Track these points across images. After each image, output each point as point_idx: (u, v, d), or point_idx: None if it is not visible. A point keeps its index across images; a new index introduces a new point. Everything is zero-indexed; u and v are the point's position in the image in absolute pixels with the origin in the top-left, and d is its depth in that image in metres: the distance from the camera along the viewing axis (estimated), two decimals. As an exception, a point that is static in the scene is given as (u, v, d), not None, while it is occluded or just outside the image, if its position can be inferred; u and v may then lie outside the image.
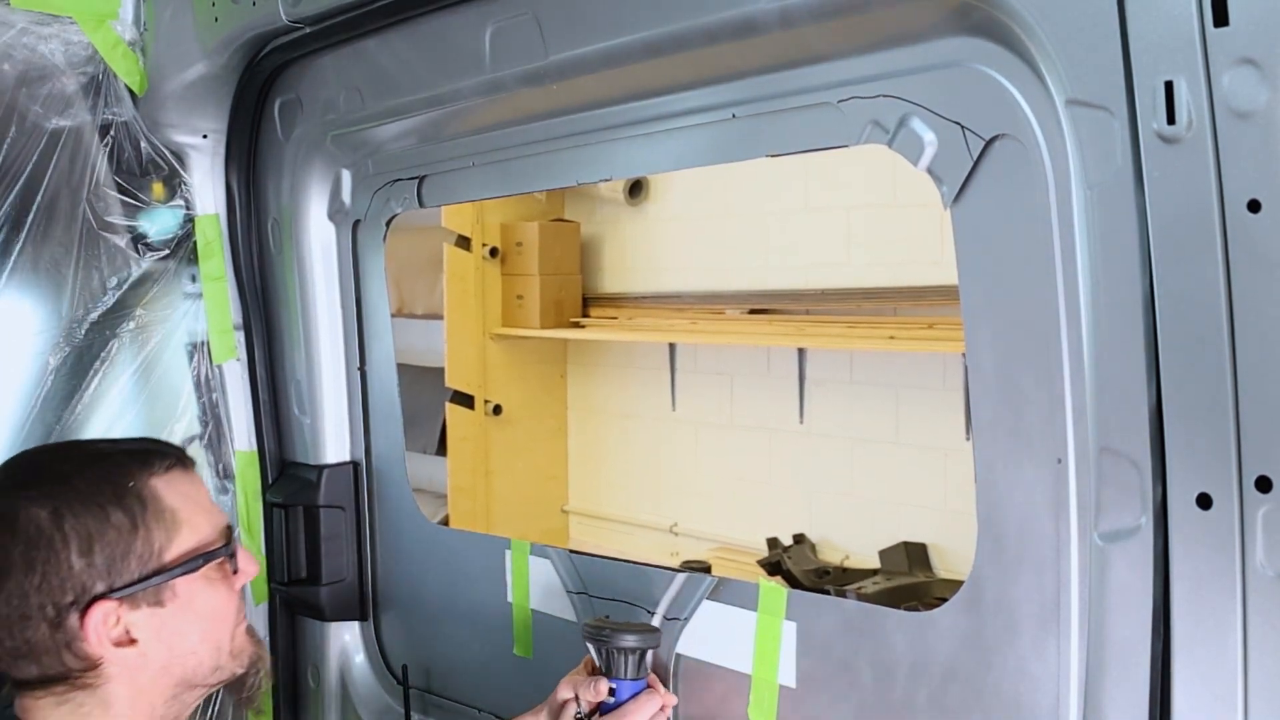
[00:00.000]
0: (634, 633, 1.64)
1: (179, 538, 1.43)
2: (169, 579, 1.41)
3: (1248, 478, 1.08)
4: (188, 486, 1.48)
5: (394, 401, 2.24)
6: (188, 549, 1.43)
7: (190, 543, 1.44)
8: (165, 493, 1.44)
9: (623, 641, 1.63)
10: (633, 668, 1.64)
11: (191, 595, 1.44)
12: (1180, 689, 1.16)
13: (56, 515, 1.36)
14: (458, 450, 5.17)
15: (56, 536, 1.35)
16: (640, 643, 1.64)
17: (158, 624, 1.41)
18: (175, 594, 1.43)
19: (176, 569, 1.42)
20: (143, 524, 1.40)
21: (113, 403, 2.26)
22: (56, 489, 1.39)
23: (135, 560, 1.39)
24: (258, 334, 2.32)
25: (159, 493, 1.43)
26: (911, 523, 4.36)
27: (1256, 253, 1.05)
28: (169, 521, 1.42)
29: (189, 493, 1.48)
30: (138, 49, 2.18)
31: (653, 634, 1.67)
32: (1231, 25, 1.02)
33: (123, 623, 1.39)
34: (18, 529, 1.36)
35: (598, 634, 1.65)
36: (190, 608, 1.44)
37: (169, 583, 1.41)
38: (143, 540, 1.40)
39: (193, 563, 1.43)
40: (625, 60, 1.59)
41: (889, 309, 4.33)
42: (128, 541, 1.39)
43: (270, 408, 2.34)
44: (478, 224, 5.21)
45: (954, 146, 1.33)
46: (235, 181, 2.26)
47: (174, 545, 1.42)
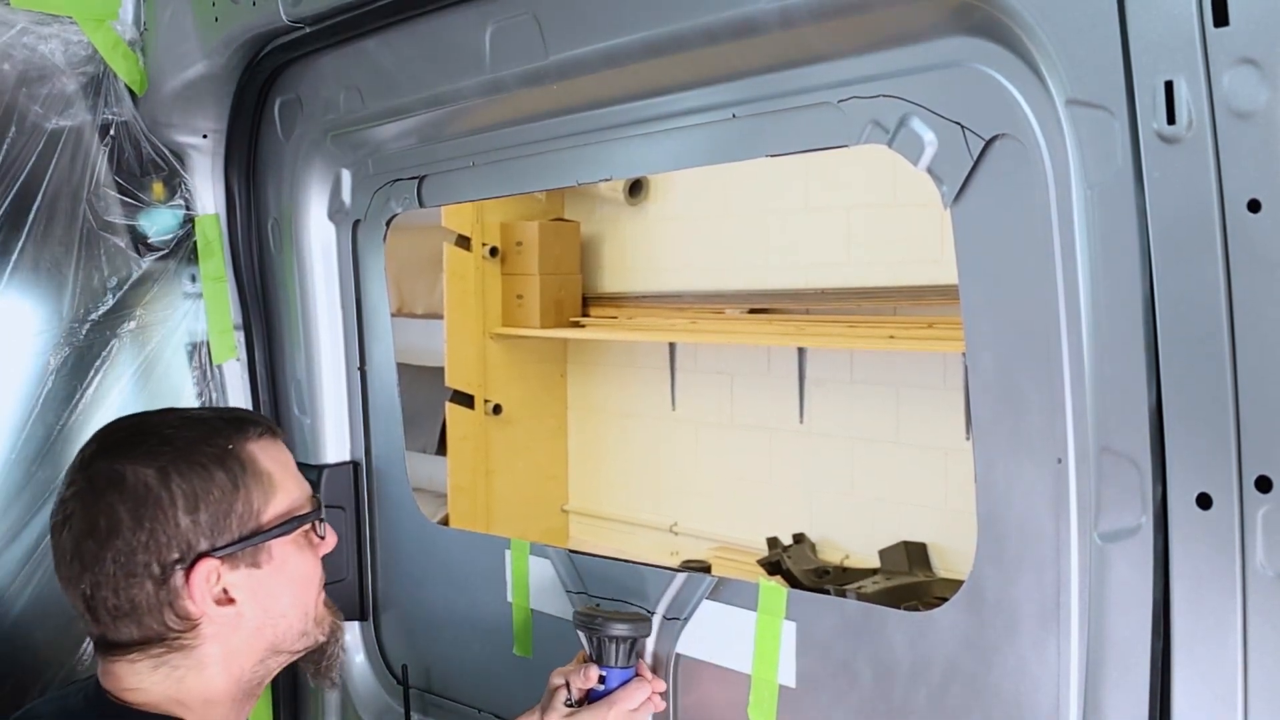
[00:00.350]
0: (624, 621, 1.67)
1: (274, 500, 1.47)
2: (266, 540, 1.45)
3: (1248, 478, 1.08)
4: (279, 453, 1.52)
5: (394, 401, 2.24)
6: (282, 511, 1.47)
7: (284, 505, 1.48)
8: (261, 457, 1.48)
9: (612, 630, 1.66)
10: (623, 656, 1.67)
11: (285, 558, 1.48)
12: (1180, 689, 1.16)
13: (163, 474, 1.39)
14: (458, 450, 5.17)
15: (164, 495, 1.39)
16: (630, 631, 1.67)
17: (254, 585, 1.45)
18: (271, 556, 1.46)
19: (273, 530, 1.46)
20: (243, 485, 1.44)
21: (113, 403, 2.26)
22: (162, 450, 1.42)
23: (236, 520, 1.42)
24: (258, 334, 2.32)
25: (255, 456, 1.47)
26: (911, 522, 4.36)
27: (1256, 253, 1.05)
28: (266, 484, 1.46)
29: (281, 459, 1.52)
30: (138, 49, 2.18)
31: (643, 623, 1.69)
32: (1231, 25, 1.02)
33: (222, 581, 1.42)
34: (125, 487, 1.38)
35: (589, 622, 1.68)
36: (283, 571, 1.48)
37: (265, 545, 1.45)
38: (243, 501, 1.43)
39: (287, 525, 1.47)
40: (625, 60, 1.59)
41: (889, 309, 4.33)
42: (229, 501, 1.42)
43: (270, 408, 2.34)
44: (478, 224, 5.21)
45: (954, 146, 1.33)
46: (235, 181, 2.26)
47: (270, 507, 1.46)
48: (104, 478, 1.40)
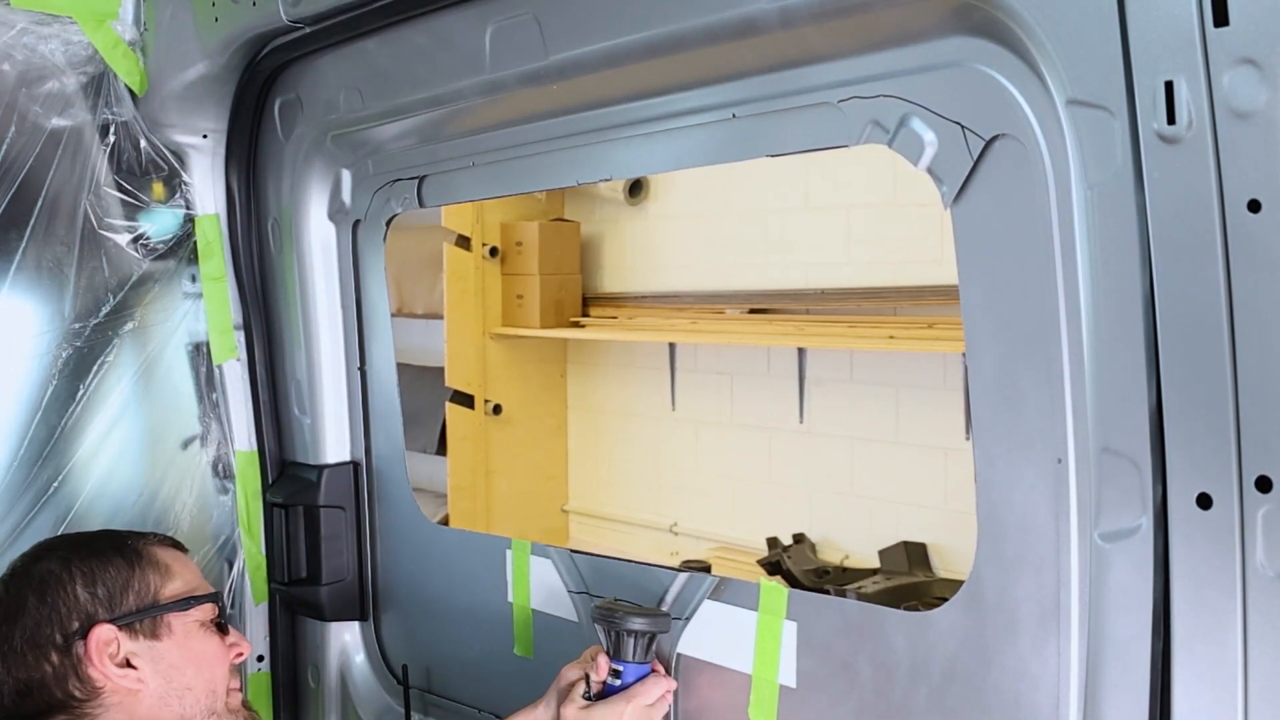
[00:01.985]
0: (643, 616, 1.67)
1: (171, 583, 1.64)
2: (163, 613, 1.61)
3: (1248, 478, 1.08)
4: (180, 555, 1.72)
5: (394, 401, 2.24)
6: (179, 592, 1.64)
7: (181, 588, 1.65)
8: (159, 552, 1.67)
9: (632, 624, 1.66)
10: (640, 651, 1.67)
11: (186, 635, 1.63)
12: (1180, 689, 1.16)
13: (65, 562, 1.60)
14: (458, 450, 5.17)
15: (65, 575, 1.58)
16: (649, 626, 1.67)
17: (155, 656, 1.59)
18: (171, 630, 1.61)
19: (170, 605, 1.62)
20: (139, 567, 1.62)
21: (113, 403, 2.26)
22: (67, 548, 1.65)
23: (133, 595, 1.60)
24: (258, 334, 2.32)
25: (154, 551, 1.67)
26: (911, 522, 4.36)
27: (1256, 253, 1.05)
28: (162, 570, 1.65)
29: (181, 558, 1.71)
30: (138, 49, 2.18)
31: (662, 619, 1.69)
32: (1231, 25, 1.02)
33: (123, 650, 1.57)
34: (32, 577, 1.59)
35: (608, 616, 1.68)
36: (185, 647, 1.62)
37: (164, 618, 1.61)
38: (139, 579, 1.61)
39: (184, 603, 1.63)
40: (625, 60, 1.59)
41: (889, 309, 4.33)
42: (126, 578, 1.60)
43: (270, 408, 2.34)
44: (478, 224, 5.20)
45: (954, 146, 1.33)
46: (235, 181, 2.26)
47: (167, 588, 1.63)
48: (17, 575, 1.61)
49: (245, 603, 2.39)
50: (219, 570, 2.39)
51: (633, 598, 1.78)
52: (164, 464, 2.35)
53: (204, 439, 2.38)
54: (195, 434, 2.38)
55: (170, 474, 2.35)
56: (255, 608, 2.40)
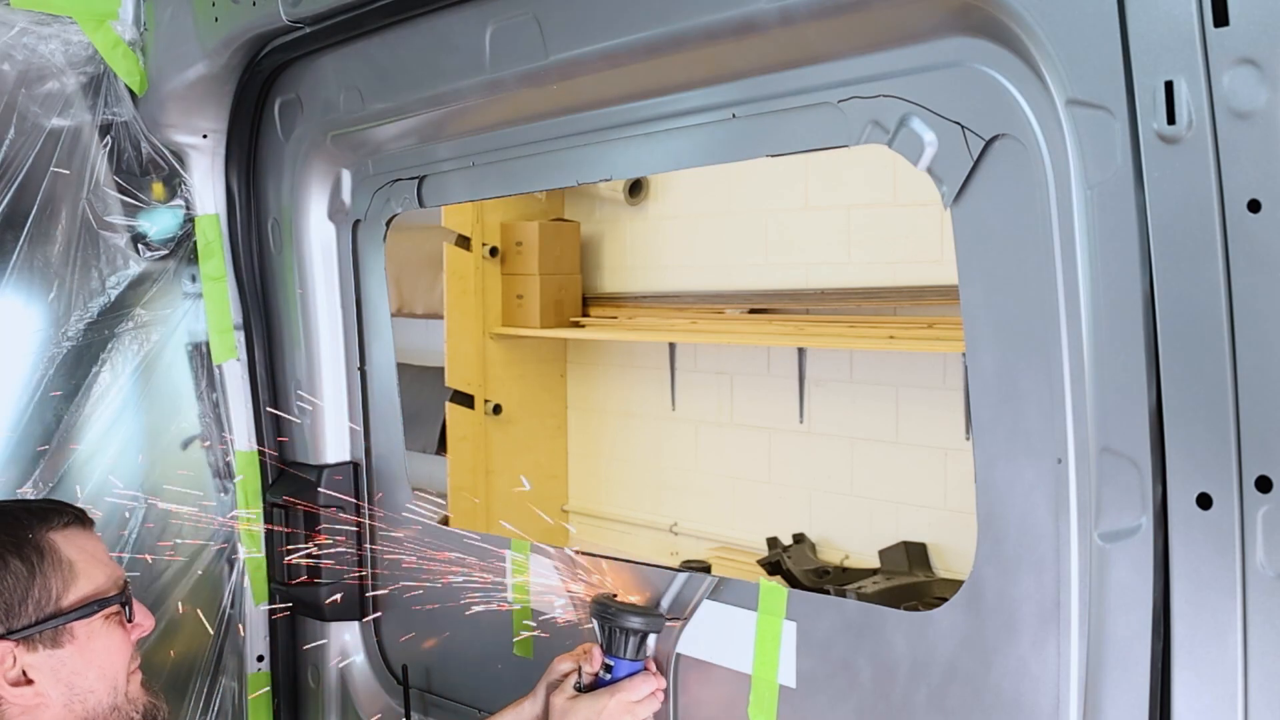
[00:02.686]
0: (639, 614, 1.69)
1: (75, 585, 1.53)
2: (65, 622, 1.51)
3: (1248, 478, 1.08)
4: (85, 541, 1.59)
5: (394, 401, 2.24)
6: (84, 595, 1.53)
7: (86, 590, 1.54)
8: (63, 545, 1.54)
9: (626, 622, 1.67)
10: (632, 649, 1.69)
11: (90, 637, 1.54)
12: (1180, 689, 1.16)
13: None
14: (458, 450, 5.17)
15: None
16: (643, 625, 1.68)
17: (55, 664, 1.51)
18: (73, 636, 1.52)
19: (72, 614, 1.52)
20: (40, 572, 1.51)
21: (113, 403, 2.26)
22: None
23: (32, 605, 1.49)
24: (258, 334, 2.31)
25: (57, 545, 1.54)
26: (911, 522, 4.35)
27: (1256, 253, 1.05)
28: (66, 571, 1.53)
29: (86, 546, 1.58)
30: (138, 49, 2.18)
31: (656, 618, 1.70)
32: (1231, 25, 1.02)
33: (19, 664, 1.48)
34: None
35: (603, 611, 1.69)
36: (87, 650, 1.53)
37: (66, 626, 1.51)
38: (40, 587, 1.50)
39: (87, 609, 1.53)
40: (625, 60, 1.59)
41: (889, 309, 4.33)
42: (25, 587, 1.49)
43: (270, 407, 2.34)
44: (478, 224, 5.20)
45: (954, 146, 1.33)
46: (235, 181, 2.26)
47: (71, 592, 1.52)
48: None
49: (245, 603, 2.40)
50: (219, 570, 2.39)
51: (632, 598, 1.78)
52: (164, 464, 2.35)
53: (204, 439, 2.38)
54: (195, 434, 2.38)
55: (170, 474, 2.35)
56: (255, 608, 2.40)
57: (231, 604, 2.39)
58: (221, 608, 2.38)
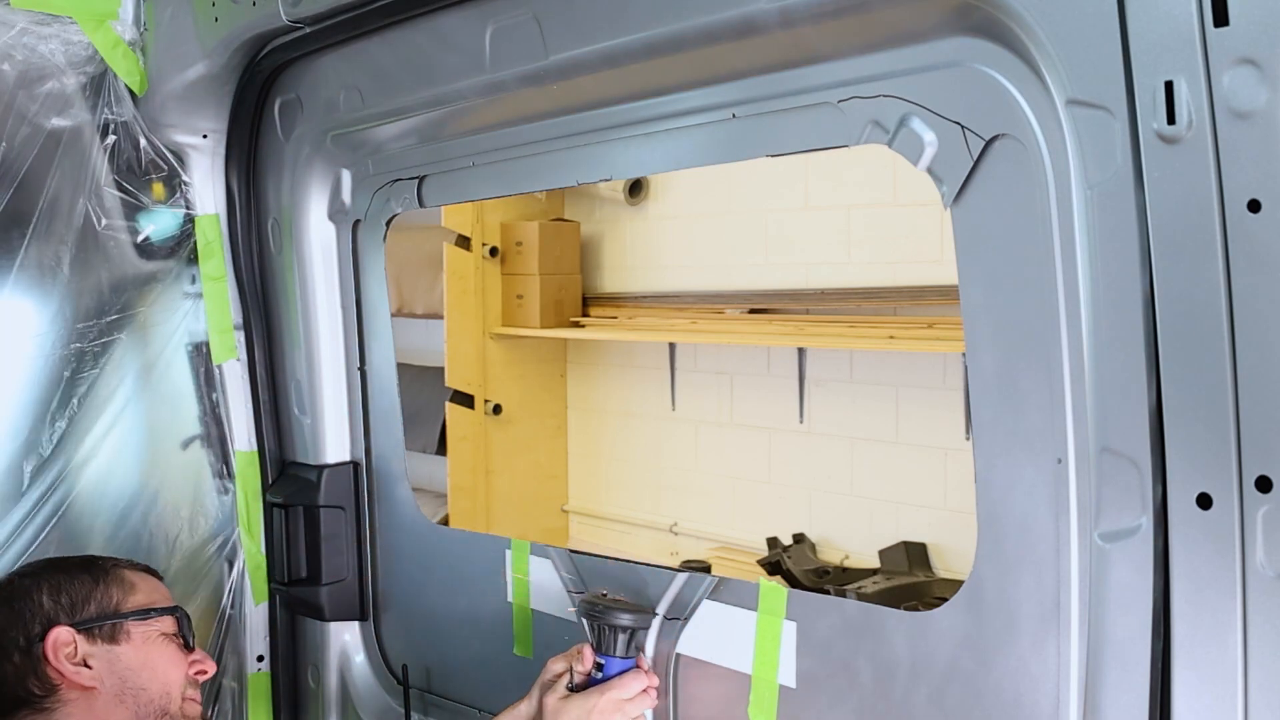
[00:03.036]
0: (627, 612, 1.70)
1: (134, 597, 1.75)
2: (122, 621, 1.71)
3: (1248, 478, 1.08)
4: (149, 578, 1.82)
5: (394, 401, 2.24)
6: (141, 604, 1.75)
7: (143, 601, 1.76)
8: (128, 573, 1.78)
9: (615, 620, 1.69)
10: (622, 646, 1.70)
11: (144, 642, 1.72)
12: (1180, 689, 1.16)
13: (35, 574, 1.75)
14: (458, 450, 5.17)
15: (31, 585, 1.72)
16: (632, 622, 1.70)
17: (111, 658, 1.69)
18: (130, 637, 1.71)
19: (129, 615, 1.72)
20: (103, 581, 1.74)
21: (113, 403, 2.26)
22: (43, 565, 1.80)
23: (95, 604, 1.71)
24: (258, 334, 2.31)
25: (122, 571, 1.78)
26: (911, 522, 4.36)
27: (1256, 253, 1.05)
28: (128, 587, 1.76)
29: (149, 580, 1.81)
30: (138, 49, 2.18)
31: (644, 615, 1.71)
32: (1231, 25, 1.02)
33: (80, 651, 1.67)
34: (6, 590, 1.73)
35: (593, 610, 1.71)
36: (142, 651, 1.71)
37: (123, 625, 1.71)
38: (102, 592, 1.72)
39: (144, 613, 1.74)
40: (625, 60, 1.59)
41: (889, 309, 4.33)
42: (89, 589, 1.72)
43: (270, 408, 2.34)
44: (478, 224, 5.20)
45: (954, 146, 1.33)
46: (235, 181, 2.26)
47: (129, 601, 1.74)
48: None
49: (245, 603, 2.40)
50: (219, 570, 2.39)
51: (632, 598, 1.78)
52: (164, 464, 2.35)
53: (204, 439, 2.38)
54: (195, 434, 2.38)
55: (170, 474, 2.35)
56: (255, 608, 2.40)
57: (231, 604, 2.39)
58: (221, 608, 2.38)
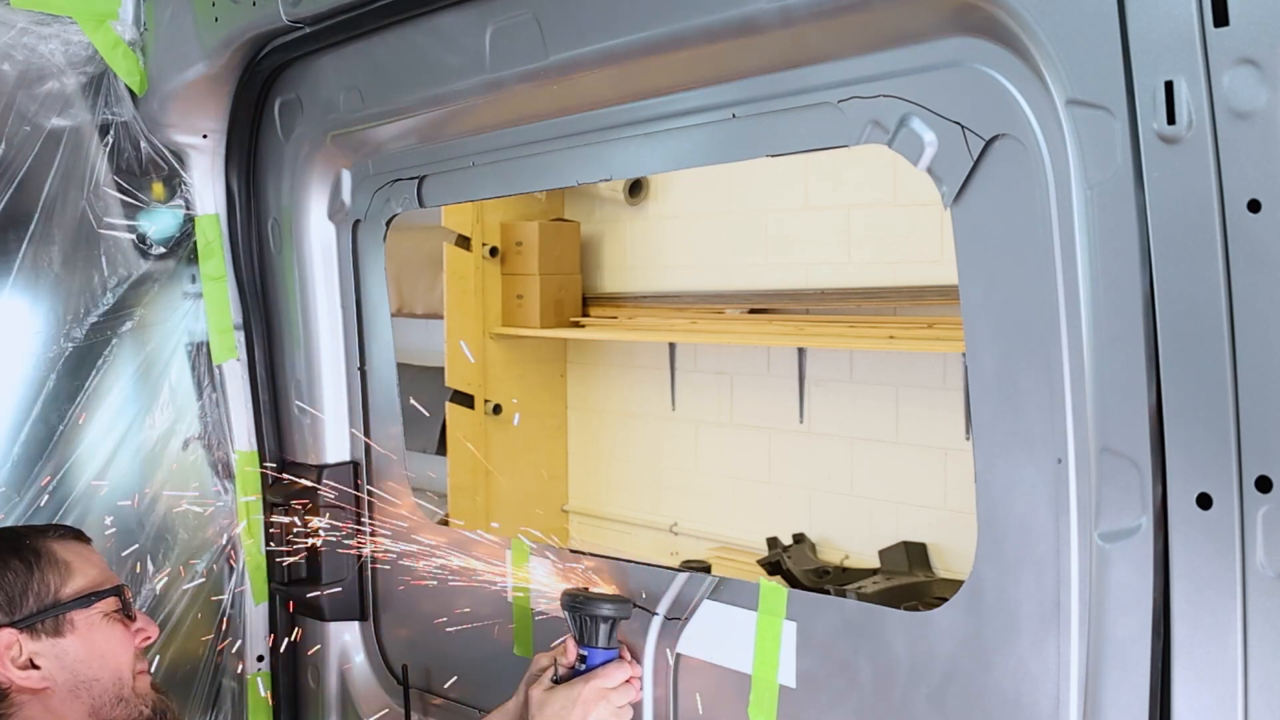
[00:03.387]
0: (607, 602, 1.73)
1: (72, 580, 1.65)
2: (64, 611, 1.62)
3: (1248, 478, 1.08)
4: (80, 548, 1.72)
5: (394, 401, 2.24)
6: (80, 588, 1.65)
7: (82, 584, 1.66)
8: (59, 550, 1.68)
9: (596, 610, 1.72)
10: (604, 637, 1.73)
11: (89, 628, 1.64)
12: (1180, 689, 1.16)
13: None
14: (458, 450, 5.17)
15: None
16: (613, 612, 1.73)
17: (58, 652, 1.61)
18: (74, 626, 1.63)
19: (70, 604, 1.63)
20: (38, 569, 1.63)
21: (113, 402, 2.26)
22: None
23: (33, 597, 1.61)
24: (258, 334, 2.31)
25: (53, 549, 1.67)
26: (911, 522, 4.35)
27: (1256, 253, 1.05)
28: (63, 569, 1.65)
29: (81, 552, 1.71)
30: (138, 49, 2.18)
31: (624, 604, 1.74)
32: (1231, 25, 1.02)
33: (25, 651, 1.59)
34: None
35: (574, 602, 1.74)
36: (89, 639, 1.64)
37: (66, 615, 1.62)
38: (39, 581, 1.63)
39: (85, 599, 1.64)
40: (625, 60, 1.59)
41: (889, 309, 4.33)
42: (25, 581, 1.62)
43: (270, 408, 2.34)
44: (478, 224, 5.20)
45: (954, 146, 1.33)
46: (235, 181, 2.26)
47: (68, 586, 1.64)
48: None
49: (245, 603, 2.40)
50: (219, 570, 2.39)
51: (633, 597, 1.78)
52: (164, 464, 2.35)
53: (204, 439, 2.38)
54: (195, 434, 2.38)
55: (170, 474, 2.35)
56: (255, 608, 2.40)
57: (231, 604, 2.39)
58: (221, 608, 2.38)
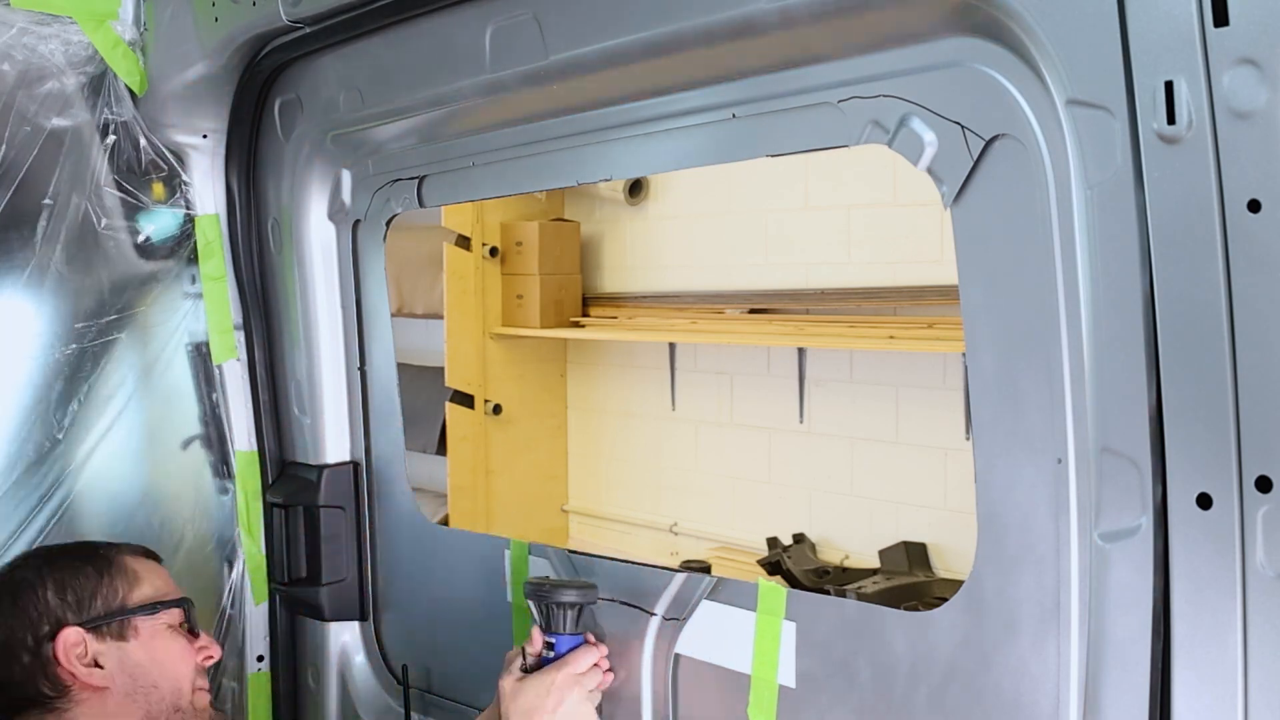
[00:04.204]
0: (571, 589, 1.75)
1: (139, 589, 1.73)
2: (129, 616, 1.69)
3: (1248, 478, 1.08)
4: (150, 563, 1.79)
5: (394, 401, 2.24)
6: (147, 597, 1.73)
7: (148, 593, 1.73)
8: (130, 561, 1.76)
9: (559, 597, 1.74)
10: (570, 623, 1.75)
11: (153, 635, 1.71)
12: (1180, 689, 1.16)
13: (39, 571, 1.70)
14: (458, 450, 5.17)
15: (36, 581, 1.68)
16: (576, 598, 1.74)
17: (121, 655, 1.67)
18: (138, 632, 1.69)
19: (136, 610, 1.70)
20: (108, 574, 1.71)
21: (113, 403, 2.26)
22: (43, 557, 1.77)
23: (101, 600, 1.68)
24: (258, 334, 2.31)
25: (124, 560, 1.75)
26: (911, 522, 4.36)
27: (1256, 253, 1.05)
28: (131, 577, 1.73)
29: (152, 566, 1.79)
30: (138, 49, 2.18)
31: (589, 590, 1.76)
32: (1231, 25, 1.02)
33: (90, 651, 1.65)
34: (8, 585, 1.70)
35: (537, 590, 1.76)
36: (151, 646, 1.70)
37: (131, 621, 1.69)
38: (108, 586, 1.70)
39: (152, 607, 1.72)
40: (625, 60, 1.59)
41: (889, 309, 4.33)
42: (94, 585, 1.69)
43: (270, 408, 2.34)
44: (478, 224, 5.21)
45: (954, 146, 1.33)
46: (235, 181, 2.26)
47: (135, 594, 1.72)
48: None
49: (245, 603, 2.40)
50: (219, 570, 2.39)
51: (631, 597, 1.78)
52: (164, 464, 2.35)
53: (204, 439, 2.38)
54: (195, 434, 2.38)
55: (170, 474, 2.35)
56: (255, 608, 2.40)
57: (231, 604, 2.39)
58: (221, 608, 2.38)
